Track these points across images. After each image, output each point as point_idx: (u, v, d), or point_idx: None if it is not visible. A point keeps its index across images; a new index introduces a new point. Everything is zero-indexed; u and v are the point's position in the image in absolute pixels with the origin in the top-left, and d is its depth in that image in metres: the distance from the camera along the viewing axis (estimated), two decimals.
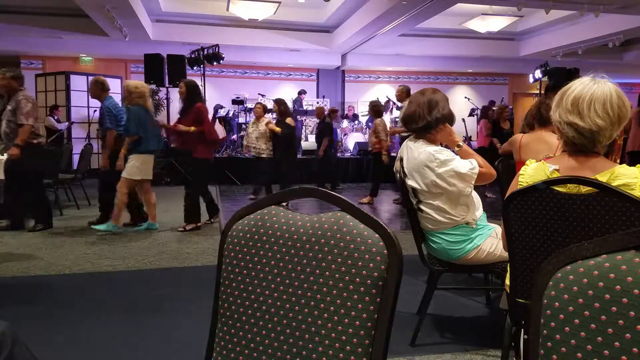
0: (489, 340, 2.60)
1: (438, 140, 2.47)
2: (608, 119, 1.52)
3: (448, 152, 2.39)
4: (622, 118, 1.53)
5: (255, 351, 0.93)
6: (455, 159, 2.35)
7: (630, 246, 0.66)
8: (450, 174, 2.33)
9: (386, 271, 0.84)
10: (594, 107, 1.53)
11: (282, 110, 7.22)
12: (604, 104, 1.52)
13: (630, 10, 9.12)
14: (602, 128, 1.53)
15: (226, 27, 11.78)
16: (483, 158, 2.46)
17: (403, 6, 8.83)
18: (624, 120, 1.54)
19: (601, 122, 1.52)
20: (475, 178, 2.35)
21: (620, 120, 1.53)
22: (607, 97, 1.53)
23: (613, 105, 1.52)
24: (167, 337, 2.69)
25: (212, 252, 4.45)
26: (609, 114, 1.52)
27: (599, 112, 1.52)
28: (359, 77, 15.03)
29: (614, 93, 1.54)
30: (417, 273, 3.64)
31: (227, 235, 1.00)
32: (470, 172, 2.33)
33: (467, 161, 2.37)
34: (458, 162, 2.34)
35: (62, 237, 5.04)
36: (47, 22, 10.71)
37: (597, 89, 1.55)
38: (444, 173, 2.33)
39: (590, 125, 1.53)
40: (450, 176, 2.33)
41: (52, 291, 3.46)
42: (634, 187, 1.52)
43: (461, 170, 2.32)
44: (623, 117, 1.53)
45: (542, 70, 11.53)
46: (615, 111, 1.52)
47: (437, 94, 2.49)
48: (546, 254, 1.67)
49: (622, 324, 0.63)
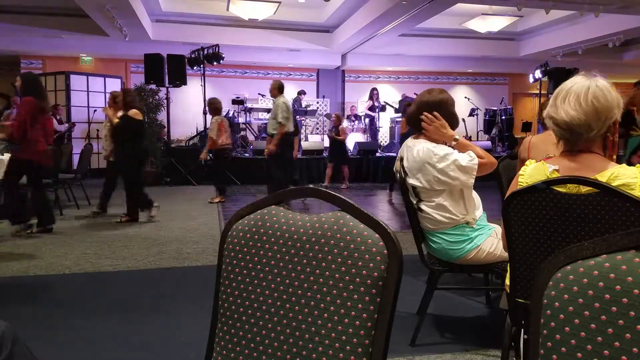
0: (489, 340, 2.60)
1: (434, 138, 2.47)
2: (581, 109, 1.53)
3: (446, 147, 2.40)
4: (599, 110, 1.53)
5: (255, 351, 0.93)
6: (454, 153, 2.36)
7: (630, 246, 0.66)
8: (451, 167, 2.33)
9: (386, 271, 0.84)
10: (568, 99, 1.56)
11: (128, 102, 5.85)
12: (577, 96, 1.55)
13: (630, 10, 9.13)
14: (574, 118, 1.54)
15: (226, 27, 11.78)
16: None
17: (403, 6, 8.83)
18: (605, 112, 1.54)
19: (573, 112, 1.54)
20: (476, 169, 2.36)
21: (598, 112, 1.53)
22: (584, 89, 1.55)
23: (587, 97, 1.54)
24: (167, 337, 2.69)
25: (212, 252, 4.45)
26: (581, 104, 1.54)
27: (571, 103, 1.55)
28: (359, 77, 15.02)
29: (594, 87, 1.55)
30: (417, 273, 3.64)
31: (227, 235, 1.00)
32: (470, 164, 2.34)
33: (466, 154, 2.38)
34: (457, 155, 2.35)
35: (62, 237, 5.04)
36: (47, 22, 10.72)
37: (577, 83, 1.58)
38: (445, 167, 2.34)
39: (562, 116, 1.56)
40: (451, 170, 2.33)
41: (52, 291, 3.46)
42: (633, 187, 1.52)
43: (461, 162, 2.33)
44: (601, 110, 1.53)
45: (542, 70, 11.54)
46: (589, 102, 1.53)
47: (443, 95, 2.50)
48: (546, 254, 1.66)
49: (622, 324, 0.63)
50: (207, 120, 10.49)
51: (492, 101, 14.20)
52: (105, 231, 5.31)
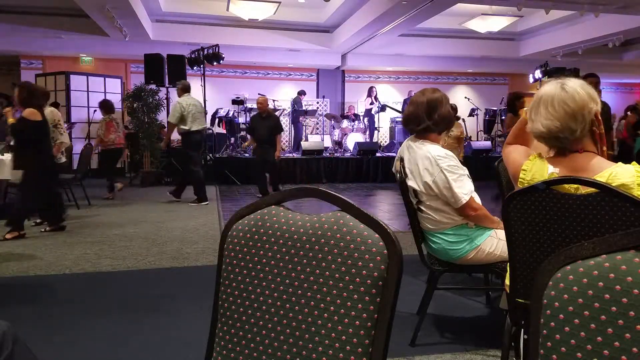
0: (489, 340, 2.60)
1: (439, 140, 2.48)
2: (553, 117, 1.57)
3: (451, 161, 2.37)
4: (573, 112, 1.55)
5: (255, 351, 0.93)
6: (456, 174, 2.34)
7: (630, 246, 0.66)
8: (445, 185, 2.33)
9: (386, 271, 0.84)
10: (539, 110, 1.61)
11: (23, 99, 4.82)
12: (546, 105, 1.59)
13: (630, 10, 9.13)
14: (550, 127, 1.58)
15: (226, 27, 11.78)
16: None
17: (403, 6, 8.83)
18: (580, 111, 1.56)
19: (547, 122, 1.58)
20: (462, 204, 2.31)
21: (572, 114, 1.56)
22: (550, 97, 1.59)
23: (554, 104, 1.57)
24: (167, 337, 2.69)
25: (212, 252, 4.45)
26: (551, 112, 1.57)
27: (543, 113, 1.60)
28: (359, 77, 15.02)
29: (559, 92, 1.58)
30: (417, 273, 3.64)
31: (227, 235, 1.00)
32: (460, 194, 2.31)
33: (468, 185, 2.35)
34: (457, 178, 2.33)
35: (62, 237, 5.04)
36: (47, 22, 10.72)
37: (545, 92, 1.61)
38: (439, 181, 2.33)
39: (539, 128, 1.60)
40: (445, 188, 2.33)
41: (52, 291, 3.46)
42: (632, 187, 1.53)
43: (454, 188, 2.32)
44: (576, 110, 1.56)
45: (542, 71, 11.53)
46: (558, 109, 1.56)
47: (437, 94, 2.49)
48: (546, 254, 1.67)
49: (622, 324, 0.64)
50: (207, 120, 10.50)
51: (492, 101, 14.20)
52: (105, 231, 5.31)
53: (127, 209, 6.77)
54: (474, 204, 2.34)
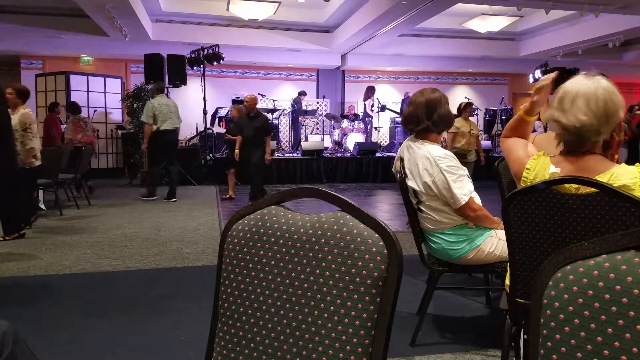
0: (489, 340, 2.60)
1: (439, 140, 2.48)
2: (591, 114, 1.52)
3: (451, 162, 2.37)
4: (609, 114, 1.52)
5: (255, 351, 0.93)
6: (455, 175, 2.34)
7: (630, 246, 0.66)
8: (444, 186, 2.33)
9: (386, 271, 0.84)
10: (577, 104, 1.53)
11: None
12: (587, 99, 1.52)
13: (630, 10, 9.12)
14: (585, 124, 1.52)
15: (226, 27, 11.77)
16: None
17: (403, 6, 8.83)
18: (613, 116, 1.53)
19: (584, 117, 1.52)
20: (461, 204, 2.31)
21: (608, 116, 1.52)
22: (592, 92, 1.52)
23: (598, 101, 1.52)
24: (167, 337, 2.69)
25: (212, 252, 4.45)
26: (592, 109, 1.52)
27: (581, 107, 1.53)
28: (359, 77, 15.02)
29: (601, 89, 1.53)
30: (417, 273, 3.64)
31: (227, 235, 1.00)
32: (459, 194, 2.31)
33: (468, 186, 2.35)
34: (456, 179, 2.33)
35: (62, 237, 5.04)
36: (47, 22, 10.71)
37: (584, 85, 1.55)
38: (438, 181, 2.33)
39: (572, 121, 1.54)
40: (444, 188, 2.33)
41: (52, 291, 3.46)
42: (633, 188, 1.53)
43: (453, 189, 2.31)
44: (611, 113, 1.53)
45: (542, 70, 11.55)
46: (600, 107, 1.52)
47: (436, 94, 2.49)
48: (546, 254, 1.67)
49: (622, 324, 0.64)
50: (207, 120, 10.51)
51: (492, 101, 14.20)
52: (105, 231, 5.31)
53: (127, 209, 6.77)
54: (473, 205, 2.34)
